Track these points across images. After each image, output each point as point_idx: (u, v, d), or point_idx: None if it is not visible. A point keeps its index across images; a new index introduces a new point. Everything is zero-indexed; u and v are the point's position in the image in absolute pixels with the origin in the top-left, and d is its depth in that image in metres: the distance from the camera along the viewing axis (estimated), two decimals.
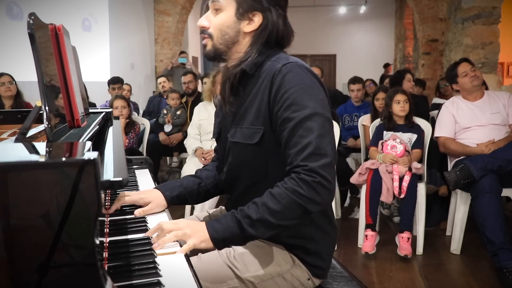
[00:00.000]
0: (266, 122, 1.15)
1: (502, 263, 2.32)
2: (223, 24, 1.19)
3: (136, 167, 1.91)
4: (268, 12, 1.17)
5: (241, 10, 1.17)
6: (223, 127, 1.32)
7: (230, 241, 1.07)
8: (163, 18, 7.83)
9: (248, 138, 1.17)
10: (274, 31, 1.19)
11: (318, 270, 1.23)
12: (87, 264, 0.66)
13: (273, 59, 1.18)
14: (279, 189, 1.06)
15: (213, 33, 1.20)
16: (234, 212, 1.09)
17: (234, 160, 1.25)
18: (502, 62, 7.16)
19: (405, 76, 3.97)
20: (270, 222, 1.04)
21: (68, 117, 1.12)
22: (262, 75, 1.17)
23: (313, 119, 1.07)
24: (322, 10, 10.94)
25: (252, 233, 1.05)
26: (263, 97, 1.15)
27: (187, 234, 1.05)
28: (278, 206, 1.04)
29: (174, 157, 5.19)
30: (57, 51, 1.12)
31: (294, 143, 1.07)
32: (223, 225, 1.07)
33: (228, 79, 1.20)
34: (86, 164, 0.65)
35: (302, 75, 1.12)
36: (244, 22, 1.18)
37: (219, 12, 1.19)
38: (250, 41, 1.20)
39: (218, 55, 1.22)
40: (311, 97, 1.09)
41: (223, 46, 1.20)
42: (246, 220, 1.05)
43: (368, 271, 2.55)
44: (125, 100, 3.57)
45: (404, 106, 2.95)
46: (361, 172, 2.85)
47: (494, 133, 2.77)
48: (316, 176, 1.03)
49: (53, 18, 1.65)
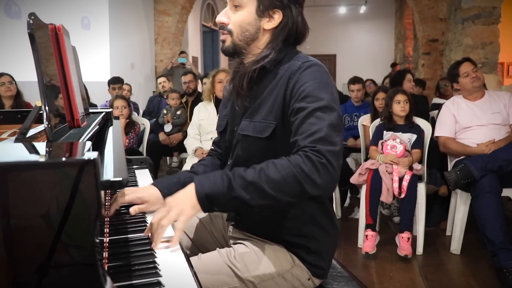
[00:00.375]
0: (278, 117, 1.15)
1: (502, 263, 2.32)
2: (244, 21, 1.19)
3: (136, 167, 1.91)
4: (288, 9, 1.18)
5: (261, 7, 1.17)
6: (230, 120, 1.31)
7: (215, 197, 1.03)
8: (163, 18, 7.83)
9: (259, 132, 1.17)
10: (293, 28, 1.20)
11: (319, 270, 1.23)
12: (87, 264, 0.65)
13: (293, 58, 1.19)
14: (281, 160, 1.03)
15: (233, 29, 1.20)
16: (225, 170, 1.07)
17: (242, 153, 1.24)
18: (502, 62, 7.16)
19: (406, 76, 3.97)
20: (264, 190, 1.00)
21: (68, 117, 1.12)
22: (280, 72, 1.18)
23: (326, 111, 1.07)
24: (322, 10, 10.94)
25: (241, 194, 1.00)
26: (279, 93, 1.16)
27: (173, 215, 1.03)
28: (277, 175, 1.00)
29: (174, 157, 5.20)
30: (57, 51, 1.12)
31: (304, 129, 1.05)
32: (210, 180, 1.04)
33: (247, 73, 1.19)
34: (86, 164, 0.64)
35: (320, 72, 1.14)
36: (265, 19, 1.18)
37: (239, 9, 1.19)
38: (269, 38, 1.20)
39: (237, 51, 1.22)
40: (326, 91, 1.10)
41: (242, 43, 1.20)
42: (238, 180, 1.01)
43: (368, 271, 2.55)
44: (125, 100, 3.57)
45: (405, 106, 2.95)
46: (361, 172, 2.85)
47: (495, 133, 2.77)
48: (322, 158, 1.00)
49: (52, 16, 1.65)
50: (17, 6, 4.59)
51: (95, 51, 5.95)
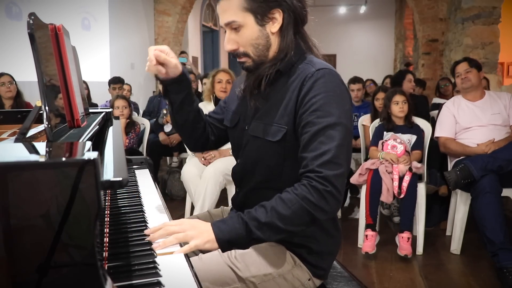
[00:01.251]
0: (290, 122, 1.15)
1: (502, 263, 2.32)
2: (251, 38, 1.16)
3: (136, 167, 1.91)
4: (284, 2, 1.16)
5: (259, 16, 1.15)
6: (241, 118, 1.30)
7: (235, 242, 1.06)
8: (163, 18, 7.83)
9: (270, 135, 1.17)
10: (297, 16, 1.18)
11: (319, 270, 1.23)
12: (87, 264, 0.65)
13: (306, 61, 1.18)
14: (289, 194, 1.05)
15: (247, 51, 1.18)
16: (240, 214, 1.08)
17: (251, 154, 1.24)
18: (502, 62, 7.16)
19: (406, 76, 3.97)
20: (278, 227, 1.04)
21: (68, 117, 1.12)
22: (292, 75, 1.17)
23: (336, 128, 1.07)
24: (322, 10, 10.93)
25: (259, 235, 1.04)
26: (291, 97, 1.15)
27: (190, 235, 1.04)
28: (287, 211, 1.03)
29: (174, 157, 5.19)
30: (57, 51, 1.12)
31: (313, 148, 1.07)
32: (229, 226, 1.06)
33: (264, 76, 1.18)
34: (86, 164, 0.64)
35: (333, 82, 1.12)
36: (268, 24, 1.17)
37: (240, 29, 1.16)
38: (280, 37, 1.19)
39: (260, 65, 1.20)
40: (338, 106, 1.09)
41: (261, 57, 1.19)
42: (253, 223, 1.04)
43: (368, 271, 2.55)
44: (126, 100, 3.57)
45: (403, 107, 2.95)
46: (361, 173, 2.85)
47: (495, 133, 2.77)
48: (328, 185, 1.03)
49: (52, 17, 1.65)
50: (17, 7, 4.59)
51: (95, 51, 5.95)
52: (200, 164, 3.10)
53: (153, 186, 1.60)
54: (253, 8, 1.14)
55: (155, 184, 1.63)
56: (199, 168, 3.06)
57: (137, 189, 1.55)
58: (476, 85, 2.91)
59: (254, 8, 1.14)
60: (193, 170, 3.05)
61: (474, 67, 2.92)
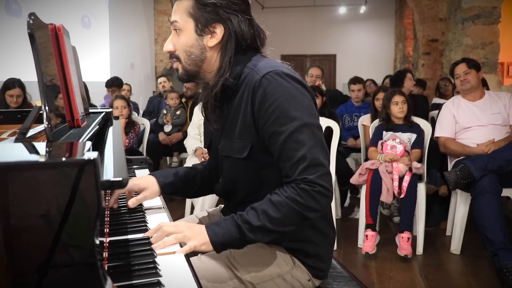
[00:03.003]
0: (253, 135, 1.13)
1: (502, 263, 2.32)
2: (186, 45, 1.15)
3: (136, 167, 1.91)
4: (229, 21, 1.13)
5: (200, 25, 1.13)
6: (213, 139, 1.31)
7: (229, 244, 1.08)
8: (163, 18, 7.83)
9: (237, 152, 1.17)
10: (240, 39, 1.15)
11: (318, 271, 1.23)
12: (87, 264, 0.65)
13: (250, 66, 1.14)
14: (278, 197, 1.06)
15: (180, 55, 1.17)
16: (234, 216, 1.08)
17: (228, 172, 1.25)
18: (502, 62, 7.15)
19: (406, 75, 3.98)
20: (269, 229, 1.06)
21: (68, 117, 1.12)
22: (242, 85, 1.15)
23: (303, 130, 1.06)
24: (322, 10, 10.92)
25: (252, 237, 1.06)
26: (246, 110, 1.13)
27: (187, 236, 1.05)
28: (278, 214, 1.05)
29: (174, 157, 5.19)
30: (57, 51, 1.12)
31: (287, 157, 1.07)
32: (223, 229, 1.07)
33: (210, 98, 1.16)
34: (86, 164, 0.64)
35: (283, 84, 1.09)
36: (207, 36, 1.14)
37: (180, 33, 1.15)
38: (219, 55, 1.16)
39: (192, 77, 1.20)
40: (297, 107, 1.07)
41: (192, 67, 1.17)
42: (246, 226, 1.06)
43: (368, 271, 2.55)
44: (125, 100, 3.57)
45: (403, 107, 2.95)
46: (361, 173, 2.85)
47: (495, 133, 2.77)
48: (315, 186, 1.04)
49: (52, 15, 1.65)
50: (17, 4, 4.59)
51: (95, 51, 5.95)
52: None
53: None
54: (197, 15, 1.13)
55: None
56: None
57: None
58: (476, 86, 2.91)
59: (198, 16, 1.13)
60: None
61: (473, 68, 2.92)
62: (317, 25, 11.05)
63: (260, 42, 1.20)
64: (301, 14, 10.78)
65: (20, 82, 3.53)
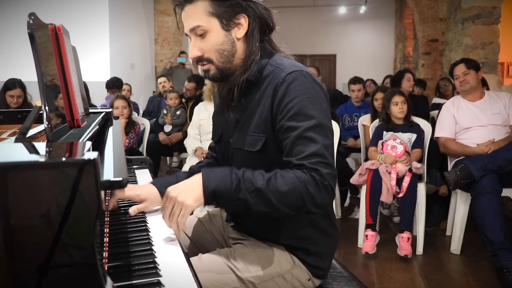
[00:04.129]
0: (268, 130, 1.14)
1: (502, 263, 2.32)
2: (217, 44, 1.15)
3: (136, 167, 1.91)
4: (250, 8, 1.14)
5: (224, 21, 1.13)
6: (224, 131, 1.30)
7: (219, 195, 1.04)
8: (163, 18, 7.84)
9: (251, 146, 1.17)
10: (263, 22, 1.18)
11: (319, 270, 1.23)
12: (87, 264, 0.65)
13: (274, 64, 1.16)
14: (289, 173, 1.04)
15: (211, 57, 1.16)
16: (234, 169, 1.06)
17: (238, 166, 1.24)
18: (502, 62, 7.15)
19: (405, 75, 3.99)
20: (269, 199, 1.02)
21: (68, 117, 1.12)
22: (264, 81, 1.16)
23: (318, 129, 1.07)
24: (322, 10, 10.92)
25: (246, 197, 1.02)
26: (266, 105, 1.14)
27: (176, 209, 1.04)
28: (284, 188, 1.02)
29: (174, 157, 5.20)
30: (57, 51, 1.12)
31: (298, 151, 1.06)
32: (218, 177, 1.04)
33: (236, 86, 1.16)
34: (86, 164, 0.64)
35: (306, 84, 1.11)
36: (234, 30, 1.15)
37: (206, 35, 1.14)
38: (246, 43, 1.17)
39: (226, 73, 1.18)
40: (315, 107, 1.09)
41: (226, 63, 1.17)
42: (247, 184, 1.03)
43: (368, 271, 2.55)
44: (125, 100, 3.57)
45: (402, 107, 2.95)
46: (361, 173, 2.85)
47: (495, 133, 2.77)
48: (325, 180, 1.03)
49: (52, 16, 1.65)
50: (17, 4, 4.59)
51: (95, 51, 5.95)
52: None
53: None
54: (219, 12, 1.12)
55: None
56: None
57: None
58: (475, 86, 2.91)
59: (220, 12, 1.12)
60: None
61: (472, 68, 2.92)
62: (317, 25, 11.05)
63: (272, 22, 1.21)
64: (301, 14, 10.77)
65: (20, 83, 3.51)
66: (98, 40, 6.12)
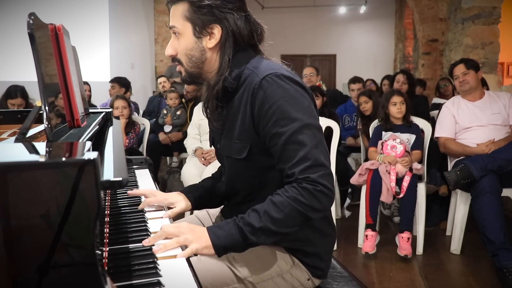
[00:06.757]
0: (252, 136, 1.14)
1: (502, 263, 2.32)
2: (186, 48, 1.17)
3: (136, 167, 1.91)
4: (225, 20, 1.14)
5: (197, 28, 1.14)
6: (215, 138, 1.32)
7: (231, 248, 1.07)
8: (163, 18, 7.83)
9: (237, 153, 1.17)
10: (238, 36, 1.16)
11: (318, 270, 1.23)
12: (87, 264, 0.65)
13: (250, 68, 1.15)
14: (280, 197, 1.05)
15: (181, 59, 1.19)
16: (235, 219, 1.08)
17: (229, 172, 1.26)
18: (502, 62, 7.16)
19: (395, 77, 4.09)
20: (272, 230, 1.04)
21: (68, 117, 1.12)
22: (241, 86, 1.16)
23: (303, 131, 1.06)
24: (322, 10, 10.92)
25: (254, 240, 1.05)
26: (246, 112, 1.13)
27: (189, 239, 1.04)
28: (280, 214, 1.04)
29: (174, 157, 5.19)
30: (57, 51, 1.12)
31: (288, 157, 1.06)
32: (225, 232, 1.06)
33: (211, 97, 1.18)
34: (86, 164, 0.64)
35: (283, 86, 1.09)
36: (205, 38, 1.15)
37: (179, 37, 1.17)
38: (219, 54, 1.17)
39: (194, 79, 1.21)
40: (297, 108, 1.08)
41: (194, 69, 1.19)
42: (248, 228, 1.05)
43: (368, 271, 2.55)
44: (125, 100, 3.57)
45: (401, 108, 2.96)
46: (361, 173, 2.85)
47: (495, 133, 2.77)
48: (317, 185, 1.03)
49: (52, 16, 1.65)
50: (17, 4, 4.59)
51: (95, 51, 5.95)
52: (200, 164, 3.10)
53: (153, 186, 1.60)
54: (193, 18, 1.14)
55: (155, 184, 1.63)
56: (199, 168, 3.06)
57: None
58: (475, 86, 2.91)
59: (194, 19, 1.14)
60: (193, 170, 3.05)
61: (472, 68, 2.92)
62: (317, 25, 11.05)
63: (257, 38, 1.20)
64: (301, 14, 10.77)
65: (23, 91, 3.42)
66: (98, 40, 6.12)
